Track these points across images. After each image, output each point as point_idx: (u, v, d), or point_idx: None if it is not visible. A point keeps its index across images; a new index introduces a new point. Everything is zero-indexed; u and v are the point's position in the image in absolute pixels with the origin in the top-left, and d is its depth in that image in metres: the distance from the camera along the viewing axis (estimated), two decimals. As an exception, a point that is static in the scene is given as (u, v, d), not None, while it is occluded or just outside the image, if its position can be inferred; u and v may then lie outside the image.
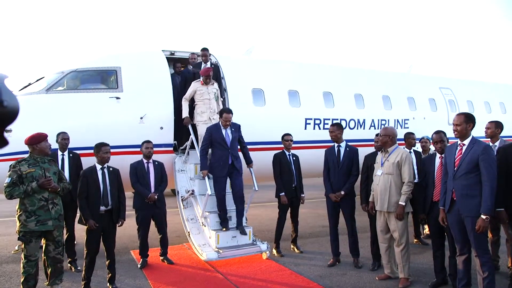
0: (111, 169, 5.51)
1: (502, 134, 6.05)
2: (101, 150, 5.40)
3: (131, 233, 6.76)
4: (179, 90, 8.09)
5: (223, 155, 6.70)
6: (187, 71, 8.45)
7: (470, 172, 4.41)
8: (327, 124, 9.22)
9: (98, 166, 5.41)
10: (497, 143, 5.72)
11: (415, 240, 7.52)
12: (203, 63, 8.29)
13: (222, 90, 8.37)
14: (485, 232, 4.43)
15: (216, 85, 7.80)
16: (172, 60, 8.79)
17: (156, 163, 6.64)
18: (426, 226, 7.42)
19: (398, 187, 5.36)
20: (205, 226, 6.89)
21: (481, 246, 4.40)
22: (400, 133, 7.49)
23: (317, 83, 9.93)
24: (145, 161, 6.58)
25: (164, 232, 6.64)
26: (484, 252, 4.40)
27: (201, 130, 7.37)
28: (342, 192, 6.26)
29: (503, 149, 5.07)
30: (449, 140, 5.49)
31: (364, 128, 10.06)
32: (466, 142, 4.56)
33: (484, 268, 4.37)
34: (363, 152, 6.72)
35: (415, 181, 5.66)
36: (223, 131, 6.75)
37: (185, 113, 7.63)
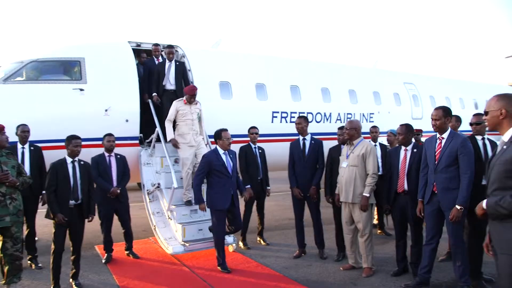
0: (82, 162, 5.33)
1: (460, 128, 6.30)
2: (71, 143, 5.21)
3: (95, 228, 6.62)
4: (144, 81, 7.90)
5: (226, 184, 5.77)
6: (150, 61, 8.20)
7: (450, 165, 4.57)
8: (294, 117, 9.28)
9: (69, 159, 5.23)
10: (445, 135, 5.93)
11: (379, 231, 7.71)
12: (154, 58, 8.18)
13: (189, 83, 8.28)
14: (461, 223, 4.63)
15: (199, 104, 7.34)
16: (138, 52, 8.61)
17: (118, 156, 6.51)
18: (376, 216, 7.58)
19: (363, 179, 5.47)
20: (171, 219, 6.82)
21: (457, 237, 4.63)
22: (366, 127, 7.67)
23: (284, 76, 9.97)
24: (106, 154, 6.41)
25: (128, 227, 6.56)
26: (460, 242, 4.64)
27: (184, 153, 7.05)
28: (313, 187, 6.31)
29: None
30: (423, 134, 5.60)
31: (330, 122, 10.19)
32: (445, 135, 4.72)
33: (457, 257, 4.62)
34: (330, 145, 6.79)
35: (379, 173, 5.80)
36: (223, 157, 5.83)
37: (170, 134, 7.14)
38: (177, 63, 8.01)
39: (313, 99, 10.14)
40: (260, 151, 7.32)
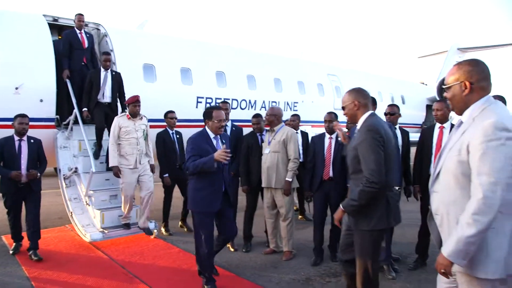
0: (32, 140, 5.59)
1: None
2: (16, 120, 5.50)
3: (3, 217, 6.15)
4: (65, 54, 7.29)
5: (216, 179, 4.47)
6: (71, 33, 7.46)
7: None
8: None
9: (16, 137, 5.51)
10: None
11: (300, 216, 7.97)
12: (77, 30, 7.49)
13: (111, 64, 7.91)
14: None
15: (145, 119, 6.44)
16: (56, 28, 8.03)
17: (32, 141, 5.76)
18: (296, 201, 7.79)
19: (285, 164, 5.59)
20: (89, 205, 6.53)
21: None
22: (290, 115, 7.84)
23: (210, 62, 9.88)
24: (16, 138, 5.66)
25: (36, 223, 5.71)
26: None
27: (126, 178, 6.17)
28: (231, 173, 6.02)
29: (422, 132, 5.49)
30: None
31: (255, 109, 10.29)
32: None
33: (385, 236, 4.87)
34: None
35: (300, 160, 5.95)
36: (214, 143, 4.53)
37: (113, 160, 6.13)
38: (114, 73, 7.17)
39: (238, 86, 10.18)
40: (178, 136, 7.09)
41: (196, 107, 9.17)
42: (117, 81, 7.16)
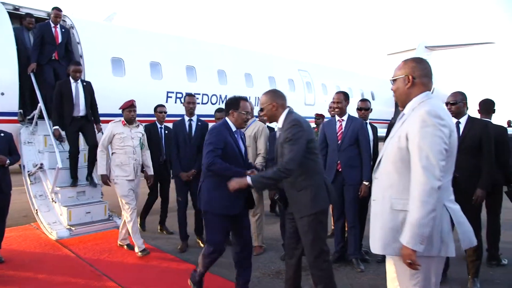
0: (2, 134, 5.25)
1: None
2: None
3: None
4: (35, 48, 6.99)
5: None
6: (45, 26, 7.13)
7: (352, 144, 5.04)
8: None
9: None
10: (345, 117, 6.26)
11: (270, 211, 8.00)
12: (52, 24, 7.22)
13: (78, 56, 7.70)
14: (356, 202, 5.10)
15: (141, 127, 5.95)
16: (18, 17, 7.73)
17: (2, 134, 5.34)
18: None
19: (255, 159, 5.59)
20: (55, 202, 6.36)
21: (355, 214, 5.14)
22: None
23: (180, 56, 9.77)
24: None
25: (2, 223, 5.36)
26: (357, 219, 5.14)
27: (122, 189, 5.54)
28: (193, 170, 5.76)
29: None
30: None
31: (226, 104, 10.24)
32: (345, 118, 5.17)
33: (354, 231, 5.11)
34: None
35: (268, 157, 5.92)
36: (236, 137, 4.07)
37: (102, 168, 5.66)
38: (85, 83, 6.69)
39: (209, 81, 10.11)
40: (166, 132, 6.76)
41: (166, 102, 9.03)
42: (89, 91, 6.67)
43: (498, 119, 6.62)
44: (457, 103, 4.46)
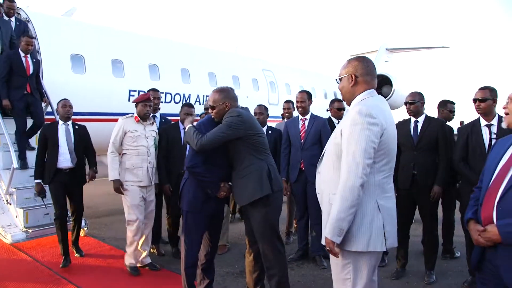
0: None
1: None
2: None
3: None
4: (2, 81, 6.33)
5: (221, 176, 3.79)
6: (14, 54, 6.45)
7: (315, 143, 5.06)
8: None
9: None
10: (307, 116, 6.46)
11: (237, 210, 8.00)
12: (23, 53, 6.42)
13: (35, 52, 7.43)
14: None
15: (155, 125, 5.24)
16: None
17: None
18: None
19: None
20: (10, 204, 6.09)
21: (317, 211, 4.99)
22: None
23: (143, 54, 9.60)
24: None
25: None
26: (317, 215, 5.00)
27: (132, 198, 4.81)
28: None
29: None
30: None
31: (189, 103, 10.17)
32: (307, 117, 5.22)
33: (316, 228, 5.10)
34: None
35: None
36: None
37: (114, 172, 4.82)
38: (34, 60, 6.43)
39: (172, 79, 9.98)
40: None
41: (128, 100, 8.86)
42: (37, 68, 6.63)
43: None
44: (415, 102, 4.62)
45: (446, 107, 5.83)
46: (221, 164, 3.70)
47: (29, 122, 6.55)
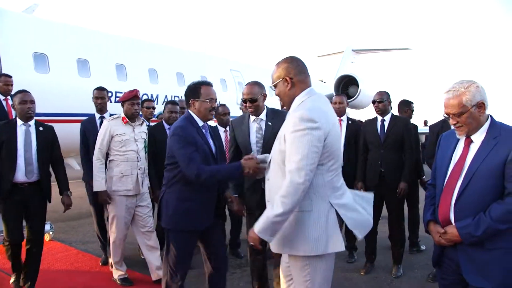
0: None
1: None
2: None
3: None
4: None
5: (209, 186, 3.21)
6: None
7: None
8: (119, 97, 8.91)
9: None
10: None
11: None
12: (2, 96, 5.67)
13: None
14: None
15: (144, 126, 4.67)
16: None
17: None
18: None
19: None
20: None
21: None
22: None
23: (110, 54, 9.45)
24: None
25: None
26: None
27: (118, 209, 4.37)
28: None
29: None
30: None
31: (157, 103, 10.04)
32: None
33: None
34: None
35: None
36: (203, 132, 3.35)
37: (100, 182, 4.33)
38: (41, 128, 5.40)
39: (139, 80, 9.85)
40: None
41: (95, 101, 8.70)
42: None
43: (415, 119, 7.10)
44: (383, 101, 4.75)
45: (410, 107, 6.03)
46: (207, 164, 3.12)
47: None
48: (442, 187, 2.43)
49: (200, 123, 3.24)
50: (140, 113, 4.80)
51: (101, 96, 5.15)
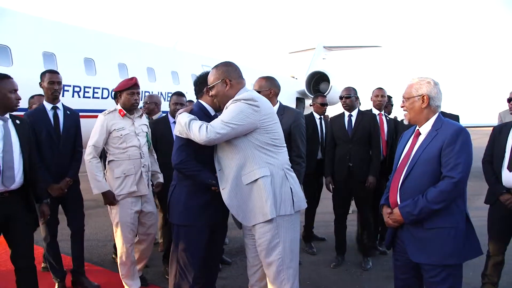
0: None
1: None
2: None
3: None
4: None
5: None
6: None
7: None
8: (88, 92, 8.72)
9: None
10: None
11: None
12: None
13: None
14: None
15: (144, 118, 4.23)
16: None
17: None
18: None
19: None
20: None
21: None
22: (163, 106, 7.68)
23: (78, 48, 9.24)
24: None
25: None
26: None
27: (123, 214, 3.83)
28: (68, 179, 4.11)
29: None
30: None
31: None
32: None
33: None
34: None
35: None
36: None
37: (101, 183, 3.77)
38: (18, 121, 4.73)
39: (109, 74, 9.69)
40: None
41: (63, 96, 8.45)
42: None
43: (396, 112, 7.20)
44: (350, 96, 4.82)
45: (390, 101, 6.10)
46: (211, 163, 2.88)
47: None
48: (393, 175, 2.69)
49: (212, 112, 3.07)
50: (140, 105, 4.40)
51: (57, 80, 4.23)
